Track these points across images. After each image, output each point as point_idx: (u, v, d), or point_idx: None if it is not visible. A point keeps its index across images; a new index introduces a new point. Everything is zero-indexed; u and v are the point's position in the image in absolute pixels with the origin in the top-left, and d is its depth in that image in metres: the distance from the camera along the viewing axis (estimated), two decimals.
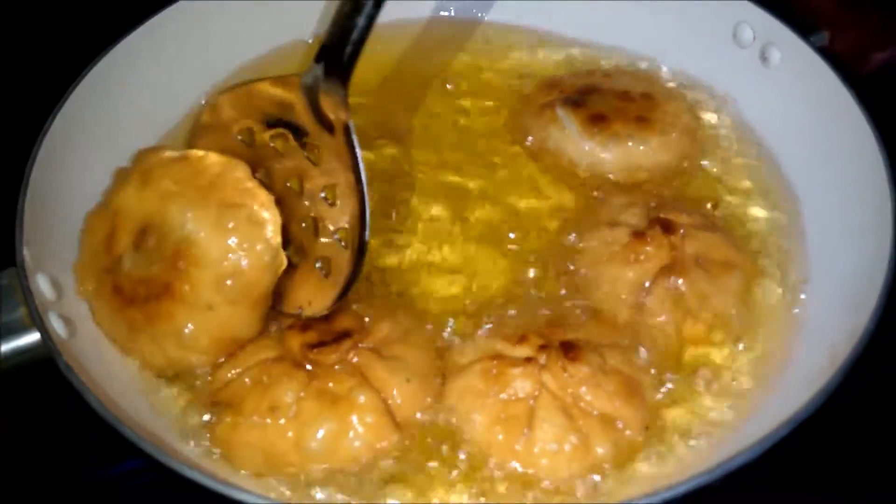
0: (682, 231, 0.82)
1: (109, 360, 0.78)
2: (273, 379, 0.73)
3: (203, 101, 1.00)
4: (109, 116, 0.92)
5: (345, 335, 0.75)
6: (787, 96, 0.93)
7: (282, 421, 0.71)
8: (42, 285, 0.76)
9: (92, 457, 0.84)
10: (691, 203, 0.90)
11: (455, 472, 0.72)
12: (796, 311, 0.82)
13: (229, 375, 0.75)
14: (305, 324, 0.76)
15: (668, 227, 0.82)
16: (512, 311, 0.81)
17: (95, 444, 0.81)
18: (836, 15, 1.01)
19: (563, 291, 0.83)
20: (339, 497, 0.71)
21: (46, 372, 0.71)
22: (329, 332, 0.75)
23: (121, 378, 0.77)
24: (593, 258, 0.83)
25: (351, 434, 0.71)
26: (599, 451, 0.71)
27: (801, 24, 0.93)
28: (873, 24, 1.09)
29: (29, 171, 0.80)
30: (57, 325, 0.74)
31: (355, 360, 0.74)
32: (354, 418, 0.71)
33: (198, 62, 1.00)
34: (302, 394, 0.72)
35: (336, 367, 0.73)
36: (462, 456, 0.73)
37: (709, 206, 0.90)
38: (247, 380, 0.74)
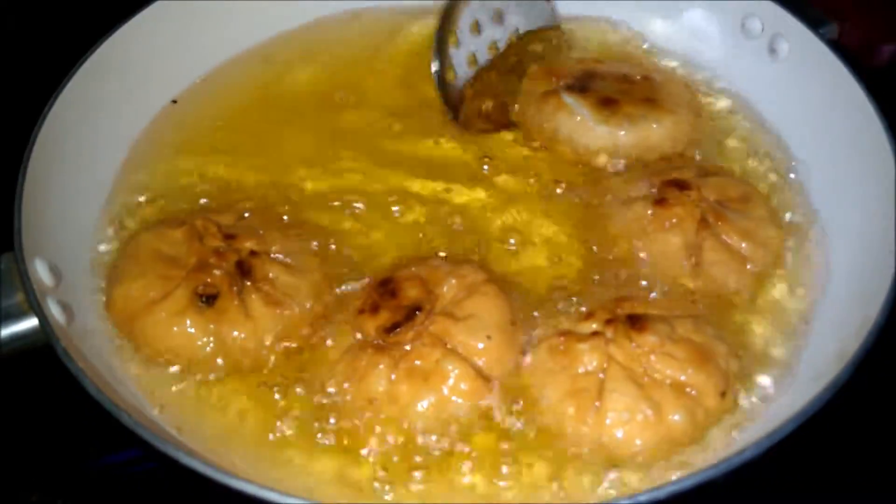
0: (693, 184, 0.83)
1: (107, 345, 0.77)
2: (363, 371, 0.73)
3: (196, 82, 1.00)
4: (109, 100, 0.91)
5: (415, 310, 0.75)
6: (795, 89, 0.92)
7: (384, 406, 0.73)
8: (40, 270, 0.75)
9: (90, 444, 0.84)
10: (679, 160, 0.90)
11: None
12: (803, 305, 0.81)
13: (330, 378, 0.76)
14: (374, 305, 0.76)
15: (682, 185, 0.83)
16: (578, 292, 0.81)
17: (93, 431, 0.81)
18: (845, 7, 0.99)
19: (627, 271, 0.83)
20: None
21: (44, 358, 0.70)
22: (399, 308, 0.76)
23: (119, 364, 0.77)
24: (633, 238, 0.83)
25: (450, 404, 0.73)
26: (674, 418, 0.70)
27: (811, 15, 0.92)
28: (883, 16, 1.09)
29: (27, 155, 0.80)
30: (55, 310, 0.74)
31: (431, 327, 0.74)
32: (449, 389, 0.73)
33: (198, 47, 1.00)
34: (393, 377, 0.73)
35: (415, 341, 0.74)
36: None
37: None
38: (340, 377, 0.75)
